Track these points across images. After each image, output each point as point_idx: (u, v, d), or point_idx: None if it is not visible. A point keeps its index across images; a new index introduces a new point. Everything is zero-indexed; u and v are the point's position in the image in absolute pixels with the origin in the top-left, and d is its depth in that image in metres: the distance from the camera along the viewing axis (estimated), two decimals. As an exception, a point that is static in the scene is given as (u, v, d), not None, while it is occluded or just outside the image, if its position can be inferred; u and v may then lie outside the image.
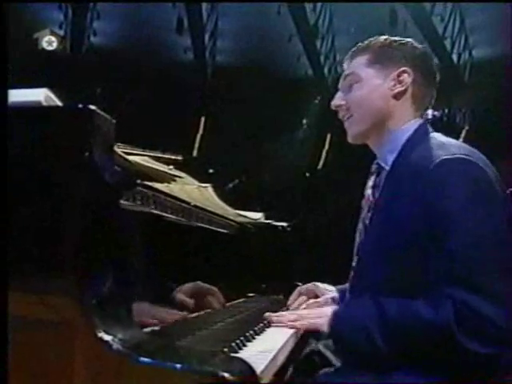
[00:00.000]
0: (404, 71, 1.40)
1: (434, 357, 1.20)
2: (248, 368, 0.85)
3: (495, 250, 1.21)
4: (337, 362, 1.44)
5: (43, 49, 7.98)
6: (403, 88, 1.40)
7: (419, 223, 1.23)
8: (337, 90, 1.50)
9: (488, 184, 1.25)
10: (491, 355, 1.17)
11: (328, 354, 1.49)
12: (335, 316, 1.30)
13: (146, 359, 0.78)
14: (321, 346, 1.53)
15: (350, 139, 1.47)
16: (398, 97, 1.40)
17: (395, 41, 1.45)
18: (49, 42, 8.10)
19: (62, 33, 8.81)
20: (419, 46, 1.46)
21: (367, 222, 1.43)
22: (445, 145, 1.30)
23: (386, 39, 1.45)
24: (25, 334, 0.83)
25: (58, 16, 9.00)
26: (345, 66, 1.48)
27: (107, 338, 0.78)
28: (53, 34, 8.18)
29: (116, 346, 0.78)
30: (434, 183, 1.22)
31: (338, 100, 1.46)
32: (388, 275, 1.29)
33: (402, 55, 1.41)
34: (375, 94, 1.41)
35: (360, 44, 1.47)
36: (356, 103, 1.42)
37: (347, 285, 1.59)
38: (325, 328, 1.30)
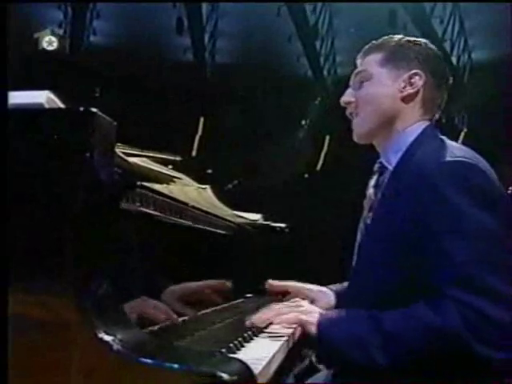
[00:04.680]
0: (416, 73, 1.38)
1: (442, 366, 1.16)
2: (246, 368, 0.86)
3: (497, 251, 1.20)
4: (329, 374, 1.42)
5: (43, 48, 7.98)
6: (414, 90, 1.38)
7: (420, 224, 1.22)
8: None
9: (489, 186, 1.25)
10: (505, 360, 1.14)
11: (321, 366, 1.48)
12: (325, 320, 1.23)
13: (146, 360, 0.79)
14: (314, 358, 1.51)
15: (355, 138, 1.44)
16: (407, 99, 1.38)
17: (409, 41, 1.43)
18: (49, 42, 8.10)
19: (61, 32, 8.81)
20: (434, 47, 1.44)
21: (368, 221, 1.42)
22: (449, 148, 1.30)
23: (400, 39, 1.43)
24: (24, 335, 0.84)
25: (58, 15, 9.00)
26: (358, 62, 1.46)
27: (108, 338, 0.79)
28: (53, 34, 8.18)
29: (116, 346, 0.78)
30: (436, 184, 1.22)
31: (347, 96, 1.44)
32: (387, 275, 1.28)
33: (415, 56, 1.39)
34: (384, 93, 1.39)
35: (374, 42, 1.45)
36: (365, 101, 1.41)
37: (344, 284, 1.58)
38: (312, 329, 1.23)
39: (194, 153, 8.81)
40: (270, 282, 1.72)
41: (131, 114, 7.94)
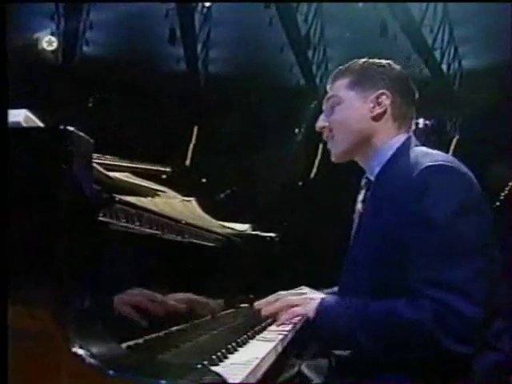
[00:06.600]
0: (382, 93, 1.45)
1: (414, 356, 1.24)
2: (222, 381, 0.87)
3: (476, 252, 1.26)
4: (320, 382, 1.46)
5: (41, 50, 7.98)
6: (382, 110, 1.44)
7: (402, 228, 1.28)
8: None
9: (469, 190, 1.31)
10: (471, 355, 1.21)
11: (311, 374, 1.51)
12: (319, 307, 1.34)
13: (116, 373, 0.79)
14: (303, 367, 1.55)
15: (333, 158, 1.52)
16: (377, 118, 1.45)
17: (374, 63, 1.50)
18: (49, 42, 8.12)
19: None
20: (397, 67, 1.51)
21: (355, 233, 1.48)
22: (429, 154, 1.36)
23: (364, 62, 1.51)
24: (12, 345, 0.85)
25: (51, 26, 9.02)
26: (327, 88, 1.53)
27: (81, 352, 0.80)
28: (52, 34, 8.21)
29: (89, 360, 0.79)
30: (418, 188, 1.27)
31: (321, 122, 1.52)
32: (373, 281, 1.34)
33: (381, 77, 1.47)
34: (355, 115, 1.46)
35: (340, 67, 1.53)
36: (338, 124, 1.48)
37: (333, 289, 1.63)
38: (311, 314, 1.34)
39: (187, 162, 8.83)
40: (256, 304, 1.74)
41: (125, 123, 7.96)
